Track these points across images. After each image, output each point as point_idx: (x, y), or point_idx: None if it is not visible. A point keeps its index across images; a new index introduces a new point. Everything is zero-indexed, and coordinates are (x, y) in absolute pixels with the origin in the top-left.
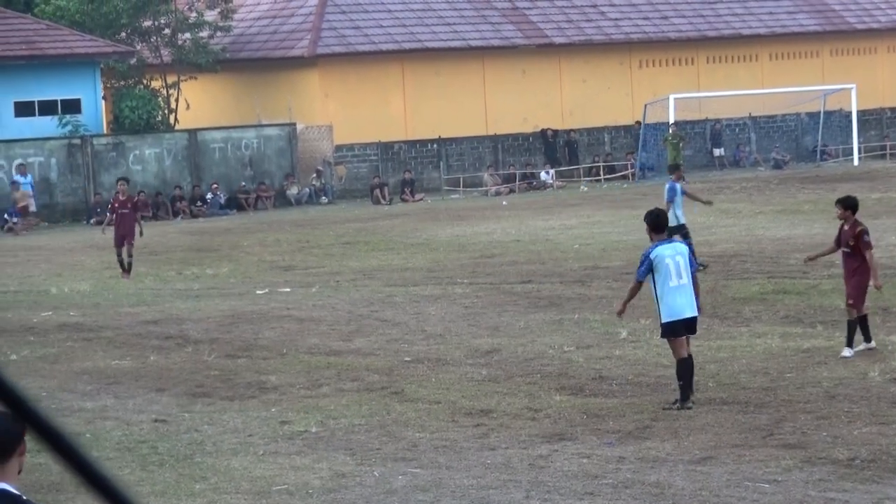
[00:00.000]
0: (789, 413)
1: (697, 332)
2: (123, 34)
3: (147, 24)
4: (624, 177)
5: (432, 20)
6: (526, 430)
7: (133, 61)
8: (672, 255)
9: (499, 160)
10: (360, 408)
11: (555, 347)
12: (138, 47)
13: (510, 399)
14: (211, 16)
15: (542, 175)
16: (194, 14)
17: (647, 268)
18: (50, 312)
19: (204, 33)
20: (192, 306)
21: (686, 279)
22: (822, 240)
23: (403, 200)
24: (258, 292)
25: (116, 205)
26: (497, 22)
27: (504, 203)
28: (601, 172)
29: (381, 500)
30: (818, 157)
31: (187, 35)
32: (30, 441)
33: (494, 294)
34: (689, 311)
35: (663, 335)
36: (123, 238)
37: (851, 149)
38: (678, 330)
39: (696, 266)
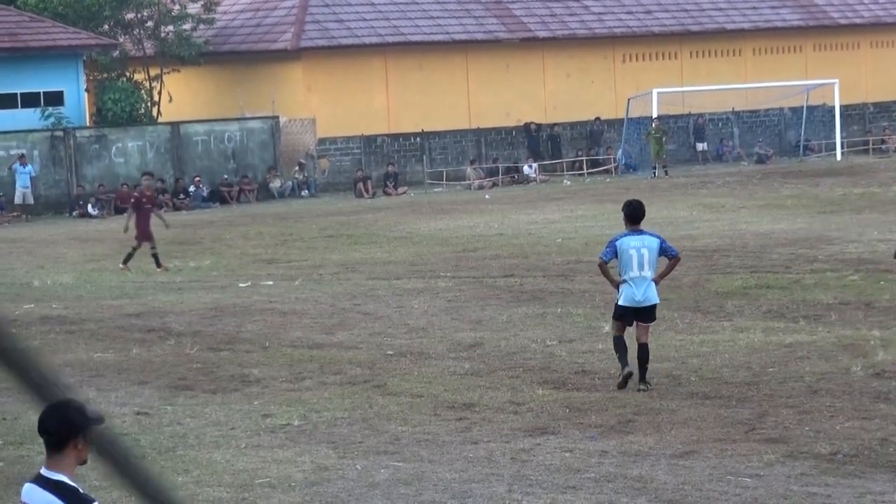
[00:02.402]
0: (772, 408)
1: (680, 327)
2: (106, 26)
3: (130, 16)
4: (607, 171)
5: (416, 14)
6: (508, 423)
7: (116, 54)
8: (638, 246)
9: (482, 154)
10: (342, 401)
11: (537, 341)
12: (121, 40)
13: (493, 393)
14: (194, 8)
15: (525, 169)
16: (177, 6)
17: (612, 251)
18: (32, 305)
19: (187, 26)
20: (175, 299)
21: (648, 272)
22: (805, 234)
23: (386, 194)
24: (241, 285)
25: (143, 199)
26: (480, 16)
27: (487, 197)
28: (584, 167)
29: (364, 494)
30: (801, 151)
31: (170, 28)
32: (7, 434)
33: (477, 288)
34: (645, 300)
35: (613, 316)
36: (150, 233)
37: (834, 143)
38: (627, 316)
39: (674, 252)
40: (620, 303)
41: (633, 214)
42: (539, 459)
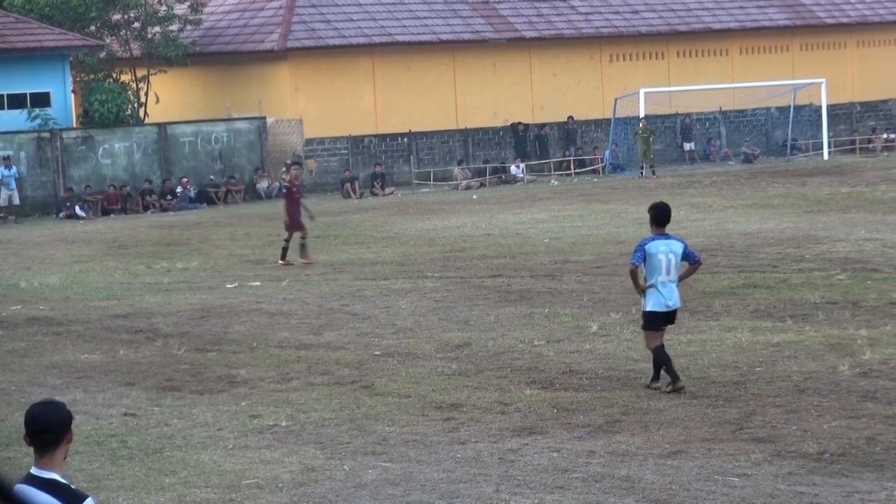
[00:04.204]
0: (759, 407)
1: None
2: (93, 28)
3: (116, 17)
4: (594, 171)
5: (402, 14)
6: (496, 423)
7: (103, 55)
8: (665, 251)
9: (469, 154)
10: (330, 402)
11: (525, 341)
12: (108, 41)
13: (480, 393)
14: (181, 9)
15: (513, 169)
16: (164, 7)
17: (642, 255)
18: (19, 306)
19: (174, 27)
20: (162, 300)
21: (674, 276)
22: (792, 234)
23: (374, 194)
24: (228, 286)
25: (294, 189)
26: (467, 16)
27: (474, 197)
28: (571, 167)
29: (351, 494)
30: (788, 151)
31: (157, 28)
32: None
33: (465, 288)
34: (674, 304)
35: (644, 326)
36: (300, 223)
37: (821, 143)
38: (658, 321)
39: (697, 258)
40: (649, 308)
41: (661, 217)
42: (527, 459)
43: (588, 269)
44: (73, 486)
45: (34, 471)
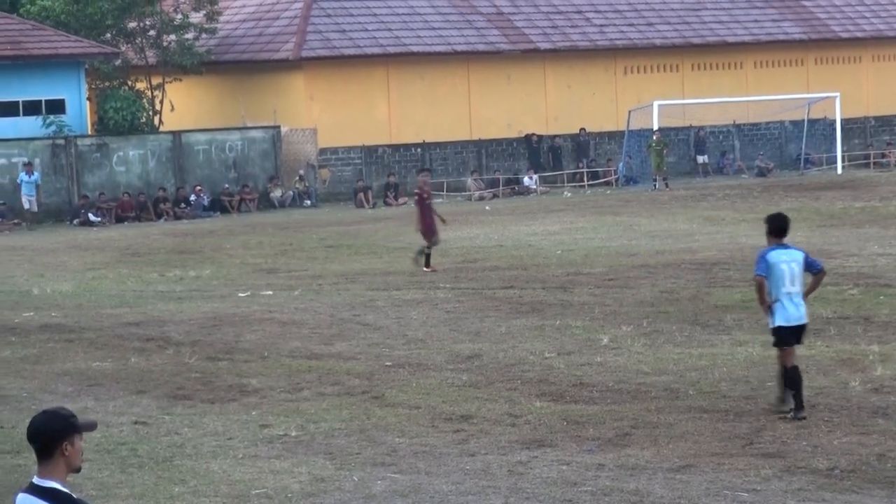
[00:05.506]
0: (769, 422)
1: (679, 340)
2: (108, 35)
3: (132, 25)
4: (607, 183)
5: (417, 25)
6: (506, 436)
7: (118, 62)
8: (787, 260)
9: (483, 165)
10: (340, 412)
11: (536, 353)
12: (123, 48)
13: (490, 405)
14: (196, 18)
15: (526, 180)
16: (179, 16)
17: (766, 266)
18: (32, 313)
19: (189, 35)
20: (174, 308)
21: (798, 287)
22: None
23: (387, 204)
24: (240, 295)
25: (425, 196)
26: (482, 27)
27: (487, 208)
28: (585, 178)
29: None
30: (802, 165)
31: (172, 37)
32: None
33: (476, 299)
34: (802, 317)
35: (776, 343)
36: (434, 229)
37: (835, 157)
38: (789, 337)
39: (819, 266)
40: (779, 324)
41: (777, 228)
42: (536, 472)
43: (600, 282)
44: (74, 496)
45: (35, 479)
